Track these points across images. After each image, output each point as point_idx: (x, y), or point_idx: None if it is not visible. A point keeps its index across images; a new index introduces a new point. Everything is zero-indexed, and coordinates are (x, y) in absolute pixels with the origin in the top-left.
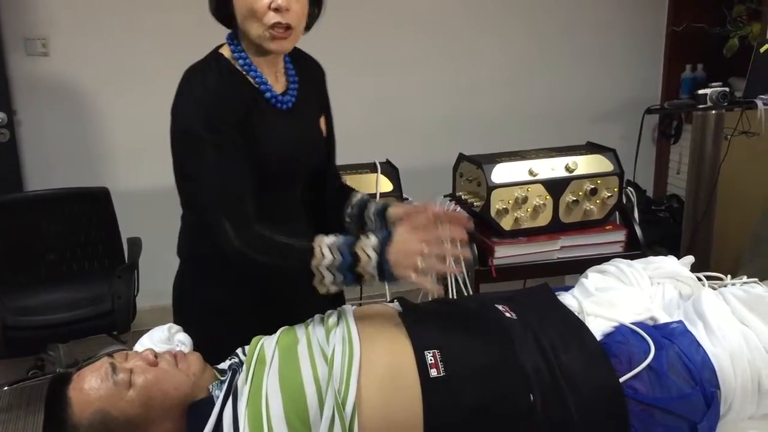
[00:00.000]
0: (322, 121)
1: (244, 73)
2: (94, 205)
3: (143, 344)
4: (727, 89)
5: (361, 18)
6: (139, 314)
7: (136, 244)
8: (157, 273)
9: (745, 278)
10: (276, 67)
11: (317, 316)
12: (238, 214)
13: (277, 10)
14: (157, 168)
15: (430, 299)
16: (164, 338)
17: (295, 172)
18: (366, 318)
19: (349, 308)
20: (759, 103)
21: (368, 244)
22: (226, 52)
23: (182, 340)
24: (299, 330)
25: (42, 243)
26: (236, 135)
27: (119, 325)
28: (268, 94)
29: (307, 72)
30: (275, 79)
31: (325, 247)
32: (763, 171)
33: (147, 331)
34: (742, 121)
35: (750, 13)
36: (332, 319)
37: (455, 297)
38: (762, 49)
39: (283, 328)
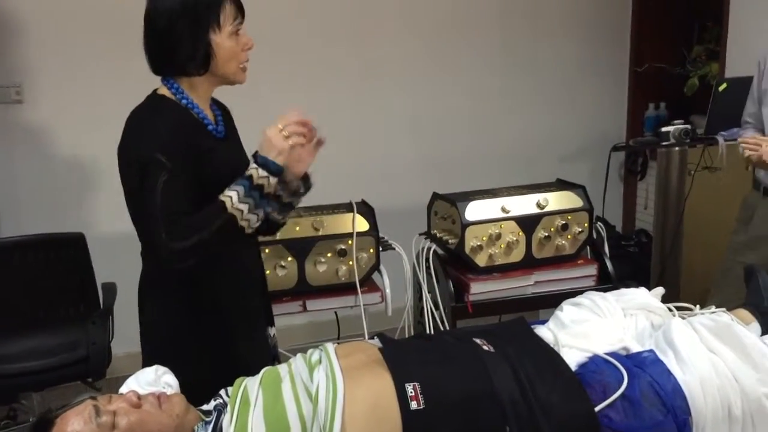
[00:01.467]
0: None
1: (187, 109)
2: (69, 251)
3: (129, 386)
4: (689, 126)
5: (335, 60)
6: (114, 361)
7: (110, 289)
8: (132, 319)
9: (713, 308)
10: (207, 103)
11: (299, 355)
12: (176, 225)
13: (249, 50)
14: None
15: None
16: (151, 380)
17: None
18: (347, 354)
19: (330, 345)
20: (720, 139)
21: (251, 165)
22: (165, 93)
23: (169, 382)
24: (282, 369)
25: (15, 289)
26: (186, 161)
27: (94, 372)
28: (210, 127)
29: (222, 108)
30: (208, 114)
31: (227, 190)
32: (727, 204)
33: (122, 378)
34: (704, 157)
35: (708, 53)
36: (315, 357)
37: (432, 332)
38: (720, 88)
39: (266, 368)
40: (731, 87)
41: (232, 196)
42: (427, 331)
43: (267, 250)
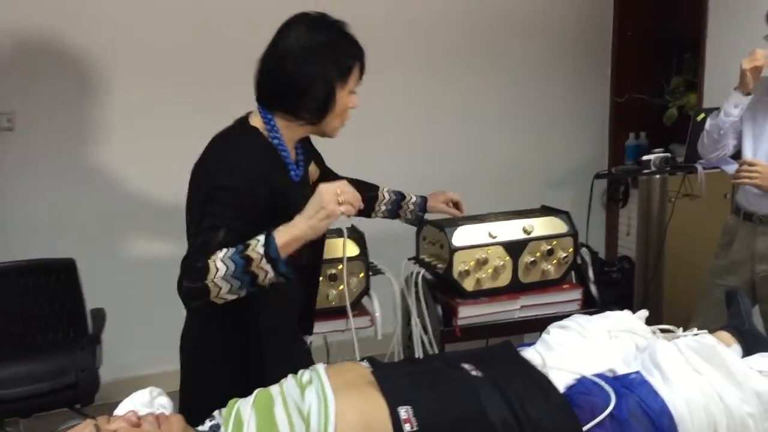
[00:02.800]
0: (312, 166)
1: (275, 148)
2: (59, 276)
3: (124, 408)
4: (669, 155)
5: None
6: (102, 387)
7: (99, 315)
8: (121, 345)
9: (695, 330)
10: (293, 144)
11: (290, 376)
12: (195, 264)
13: (353, 109)
14: (121, 239)
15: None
16: (146, 402)
17: None
18: (338, 375)
19: (321, 366)
20: (699, 167)
21: (257, 247)
22: (258, 124)
23: (163, 404)
24: (274, 390)
25: (4, 315)
26: (257, 202)
27: (83, 398)
28: (291, 171)
29: (309, 149)
30: (292, 155)
31: (220, 260)
32: (706, 231)
33: (110, 404)
34: (684, 185)
35: (686, 84)
36: (306, 377)
37: (421, 357)
38: (699, 118)
39: (258, 390)
40: (709, 117)
41: (219, 269)
42: (416, 356)
43: None
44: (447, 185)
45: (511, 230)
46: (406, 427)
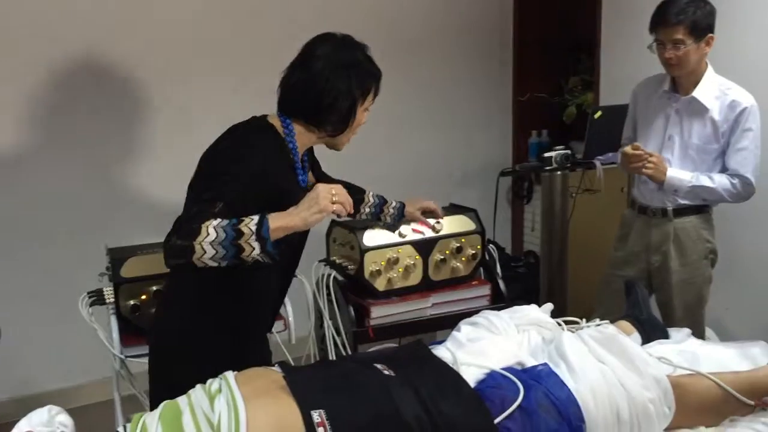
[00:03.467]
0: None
1: (290, 151)
2: None
3: (20, 428)
4: (569, 152)
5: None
6: None
7: None
8: (19, 361)
9: (597, 321)
10: (304, 150)
11: (198, 386)
12: (185, 224)
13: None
14: (20, 252)
15: (312, 362)
16: (44, 421)
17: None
18: (249, 382)
19: (230, 374)
20: (597, 163)
21: (251, 222)
22: (276, 124)
23: (63, 422)
24: (182, 401)
25: None
26: (259, 199)
27: None
28: (300, 175)
29: (311, 157)
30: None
31: (212, 226)
32: (606, 224)
33: (6, 424)
34: (584, 180)
35: (584, 83)
36: (215, 386)
37: (334, 358)
38: (596, 116)
39: (164, 402)
40: (605, 114)
41: (209, 234)
42: (330, 358)
43: None
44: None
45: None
46: (320, 430)
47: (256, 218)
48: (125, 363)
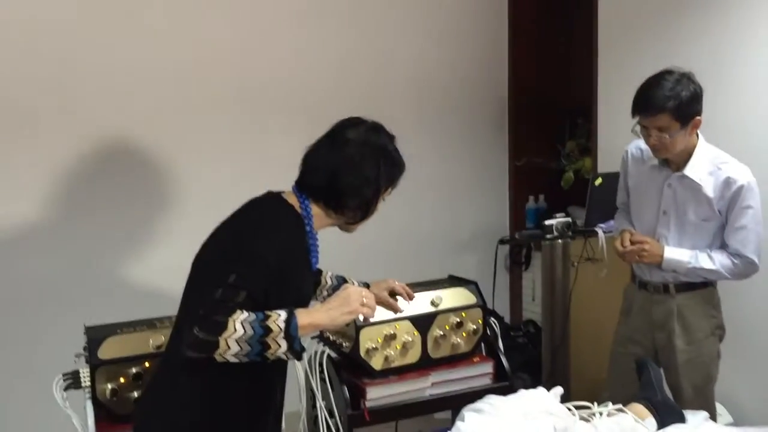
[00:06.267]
0: None
1: (306, 234)
2: None
3: None
4: (570, 219)
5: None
6: None
7: None
8: None
9: (610, 404)
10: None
11: None
12: (211, 317)
13: None
14: None
15: None
16: None
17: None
18: None
19: None
20: (599, 231)
21: (279, 318)
22: (293, 203)
23: None
24: None
25: None
26: (281, 284)
27: None
28: (313, 260)
29: None
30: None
31: (239, 320)
32: (610, 295)
33: None
34: (586, 249)
35: (580, 148)
36: None
37: None
38: (596, 182)
39: None
40: (606, 181)
41: (237, 330)
42: None
43: None
44: (346, 254)
45: (419, 303)
46: None
47: (283, 315)
48: None
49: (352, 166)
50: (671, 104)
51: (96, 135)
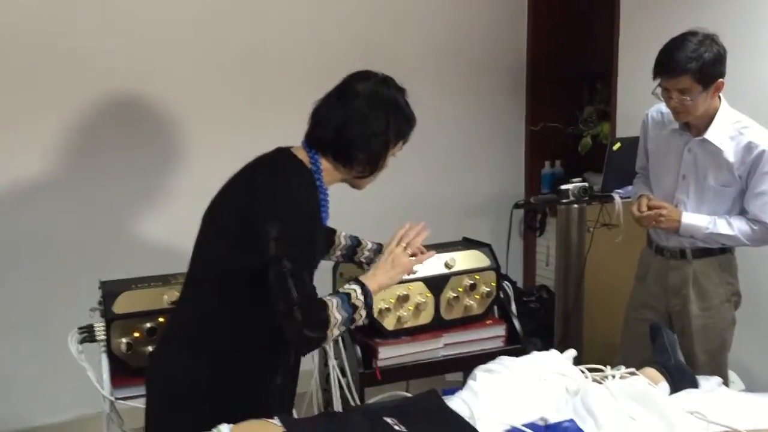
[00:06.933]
0: None
1: (318, 190)
2: None
3: None
4: (586, 184)
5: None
6: None
7: None
8: (3, 398)
9: (623, 368)
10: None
11: None
12: (314, 314)
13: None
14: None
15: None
16: None
17: (314, 269)
18: None
19: (225, 427)
20: (616, 197)
21: (351, 285)
22: (303, 158)
23: None
24: None
25: None
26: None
27: None
28: (324, 215)
29: None
30: None
31: (335, 310)
32: (625, 260)
33: None
34: (602, 214)
35: (599, 113)
36: None
37: (340, 403)
38: (615, 147)
39: None
40: (624, 146)
41: (337, 318)
42: (334, 400)
43: None
44: (362, 217)
45: (433, 264)
46: None
47: (358, 288)
48: (115, 405)
49: (360, 119)
50: (693, 65)
51: (108, 90)
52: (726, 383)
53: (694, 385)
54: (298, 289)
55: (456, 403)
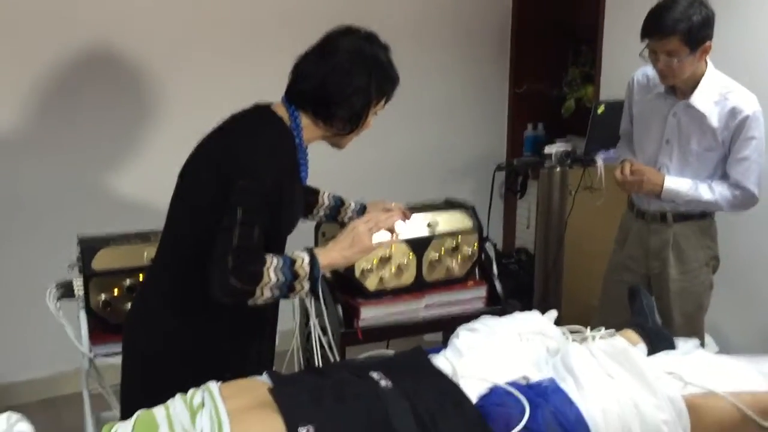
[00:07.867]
0: None
1: (297, 148)
2: None
3: None
4: (569, 148)
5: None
6: None
7: None
8: None
9: (602, 329)
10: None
11: (178, 397)
12: (245, 265)
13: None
14: None
15: (299, 369)
16: (2, 430)
17: (293, 228)
18: (234, 395)
19: (214, 385)
20: (599, 160)
21: (300, 252)
22: (282, 114)
23: (23, 430)
24: (159, 413)
25: None
26: (276, 201)
27: None
28: (303, 174)
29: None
30: None
31: (272, 270)
32: (606, 224)
33: None
34: (584, 178)
35: (583, 76)
36: (197, 400)
37: (320, 363)
38: (599, 111)
39: (139, 412)
40: (608, 109)
41: (271, 279)
42: (315, 358)
43: None
44: (345, 175)
45: (415, 226)
46: None
47: (306, 257)
48: (94, 362)
49: (341, 75)
50: (682, 27)
51: (83, 44)
52: (702, 345)
53: (672, 346)
54: (241, 239)
55: (440, 360)
